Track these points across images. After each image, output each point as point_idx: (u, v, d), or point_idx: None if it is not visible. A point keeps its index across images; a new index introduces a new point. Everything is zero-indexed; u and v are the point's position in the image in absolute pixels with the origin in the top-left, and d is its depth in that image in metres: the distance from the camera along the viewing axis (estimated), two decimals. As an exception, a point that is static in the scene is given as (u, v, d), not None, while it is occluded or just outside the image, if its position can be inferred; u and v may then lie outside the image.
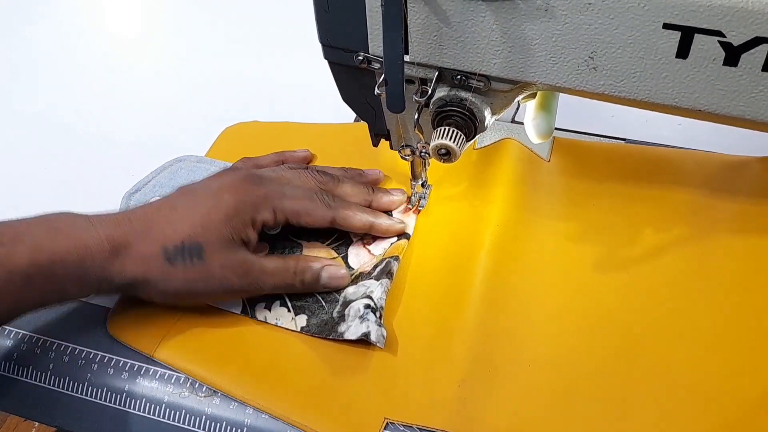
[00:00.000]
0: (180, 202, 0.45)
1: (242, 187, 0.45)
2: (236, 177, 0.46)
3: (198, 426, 0.43)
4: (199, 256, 0.43)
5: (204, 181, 0.47)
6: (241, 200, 0.44)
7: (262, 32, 0.76)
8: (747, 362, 0.42)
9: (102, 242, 0.42)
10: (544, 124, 0.49)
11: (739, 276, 0.47)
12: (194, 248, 0.43)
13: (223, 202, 0.44)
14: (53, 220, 0.43)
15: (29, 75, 0.73)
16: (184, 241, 0.43)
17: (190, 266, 0.43)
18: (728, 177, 0.53)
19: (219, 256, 0.43)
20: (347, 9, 0.39)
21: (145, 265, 0.43)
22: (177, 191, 0.47)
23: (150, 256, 0.43)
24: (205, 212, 0.44)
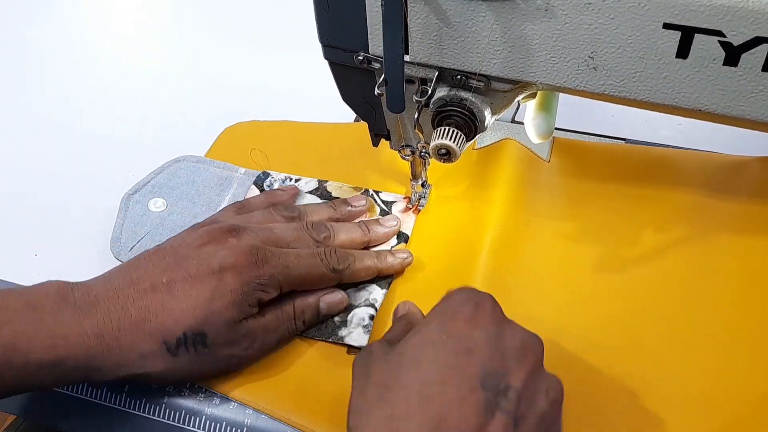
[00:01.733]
0: (178, 282, 0.40)
1: (246, 268, 0.41)
2: (236, 252, 0.41)
3: (198, 426, 0.43)
4: (203, 344, 0.40)
5: (198, 249, 0.42)
6: (246, 282, 0.41)
7: (262, 32, 0.76)
8: (747, 362, 0.42)
9: (89, 339, 0.38)
10: (544, 124, 0.48)
11: (739, 275, 0.47)
12: (198, 338, 0.40)
13: (228, 285, 0.40)
14: (36, 307, 0.38)
15: (29, 75, 0.73)
16: (185, 333, 0.40)
17: (194, 355, 0.40)
18: (728, 177, 0.53)
19: (224, 338, 0.41)
20: (347, 9, 0.39)
21: (144, 362, 0.40)
22: (167, 254, 0.42)
23: (149, 354, 0.39)
24: (209, 298, 0.40)
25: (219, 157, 0.59)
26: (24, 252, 0.54)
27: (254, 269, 0.41)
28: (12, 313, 0.38)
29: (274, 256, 0.43)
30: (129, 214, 0.54)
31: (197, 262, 0.41)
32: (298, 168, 0.57)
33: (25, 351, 0.37)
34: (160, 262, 0.42)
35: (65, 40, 0.77)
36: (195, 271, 0.41)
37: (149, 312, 0.40)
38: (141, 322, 0.39)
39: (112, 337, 0.39)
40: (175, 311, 0.40)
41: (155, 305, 0.40)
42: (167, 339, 0.39)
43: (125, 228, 0.53)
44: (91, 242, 0.53)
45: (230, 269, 0.41)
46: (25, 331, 0.38)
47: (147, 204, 0.55)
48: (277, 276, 0.42)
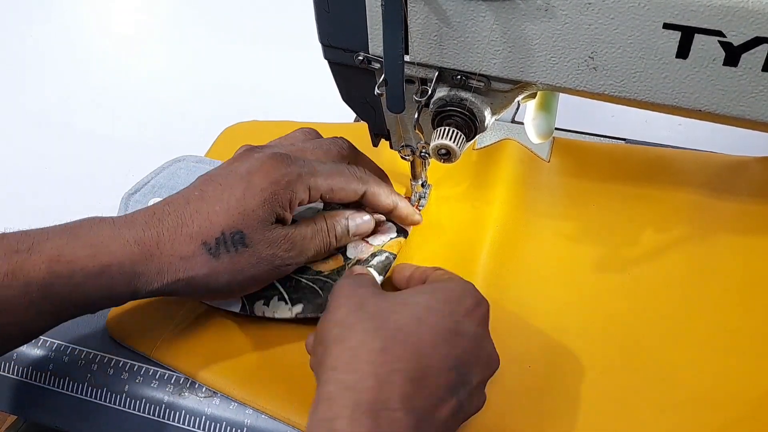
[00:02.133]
0: (209, 191, 0.42)
1: (273, 168, 0.42)
2: (263, 157, 0.43)
3: (198, 426, 0.43)
4: (243, 243, 0.41)
5: (226, 166, 0.43)
6: (274, 181, 0.42)
7: (262, 32, 0.76)
8: (748, 361, 0.42)
9: (130, 246, 0.39)
10: (544, 124, 0.48)
11: (739, 275, 0.47)
12: (236, 236, 0.40)
13: (257, 186, 0.41)
14: (73, 227, 0.40)
15: (29, 75, 0.73)
16: (224, 232, 0.40)
17: (235, 255, 0.41)
18: (728, 177, 0.53)
19: (263, 237, 0.41)
20: (347, 9, 0.39)
21: (187, 265, 0.40)
22: (199, 181, 0.43)
23: (191, 256, 0.40)
24: (240, 197, 0.41)
25: (219, 157, 0.59)
26: (24, 252, 0.54)
27: (281, 168, 0.42)
28: (52, 232, 0.39)
29: (300, 159, 0.44)
30: (129, 214, 0.54)
31: (226, 172, 0.43)
32: (298, 168, 0.57)
33: (69, 260, 0.38)
34: (194, 185, 0.43)
35: (65, 40, 0.77)
36: (224, 179, 0.42)
37: (184, 218, 0.41)
38: (179, 227, 0.40)
39: (153, 244, 0.40)
40: (210, 213, 0.41)
41: (190, 212, 0.41)
42: (207, 240, 0.40)
43: (125, 228, 0.53)
44: (91, 242, 0.53)
45: (257, 172, 0.42)
46: (67, 243, 0.38)
47: (147, 204, 0.55)
48: (304, 177, 0.43)
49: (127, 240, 0.39)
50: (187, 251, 0.40)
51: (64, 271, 0.38)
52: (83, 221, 0.41)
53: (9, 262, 0.37)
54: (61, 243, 0.38)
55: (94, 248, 0.39)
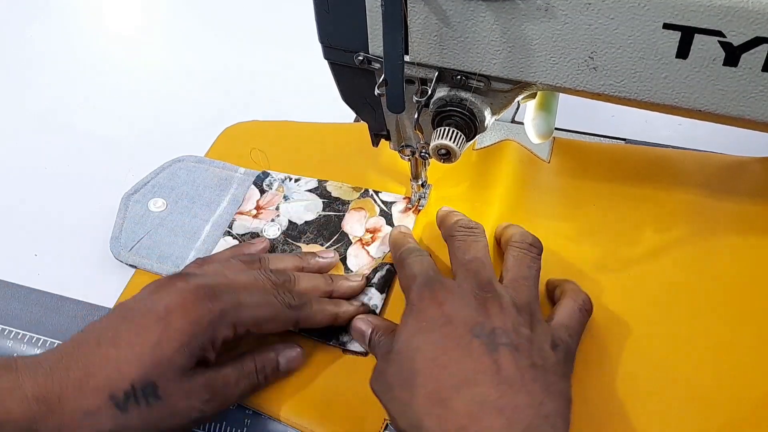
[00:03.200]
0: (123, 332, 0.38)
1: (193, 306, 0.38)
2: (183, 293, 0.39)
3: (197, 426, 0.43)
4: (155, 395, 0.37)
5: (146, 298, 0.40)
6: (194, 322, 0.38)
7: (262, 32, 0.76)
8: (748, 362, 0.42)
9: (28, 403, 0.36)
10: (544, 124, 0.48)
11: (739, 276, 0.47)
12: (148, 389, 0.37)
13: (175, 329, 0.38)
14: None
15: (29, 75, 0.73)
16: (133, 384, 0.36)
17: (146, 409, 0.37)
18: (728, 177, 0.53)
19: (179, 388, 0.38)
20: (347, 9, 0.39)
21: (92, 421, 0.36)
22: (116, 312, 0.40)
23: (96, 411, 0.36)
24: (155, 343, 0.37)
25: (219, 157, 0.59)
26: (24, 252, 0.54)
27: (203, 306, 0.39)
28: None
29: (224, 292, 0.40)
30: (129, 214, 0.54)
31: (143, 309, 0.39)
32: (297, 168, 0.57)
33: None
34: (109, 319, 0.40)
35: (65, 40, 0.77)
36: (141, 320, 0.38)
37: (93, 367, 0.37)
38: (85, 378, 0.37)
39: (54, 399, 0.36)
40: (120, 362, 0.37)
41: (99, 360, 0.37)
42: (114, 393, 0.36)
43: (125, 228, 0.53)
44: (91, 242, 0.54)
45: (177, 311, 0.38)
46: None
47: (147, 204, 0.55)
48: (229, 312, 0.39)
49: (26, 395, 0.36)
50: (91, 405, 0.36)
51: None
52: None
53: None
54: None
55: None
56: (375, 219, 0.52)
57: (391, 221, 0.52)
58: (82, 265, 0.52)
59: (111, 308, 0.48)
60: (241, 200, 0.55)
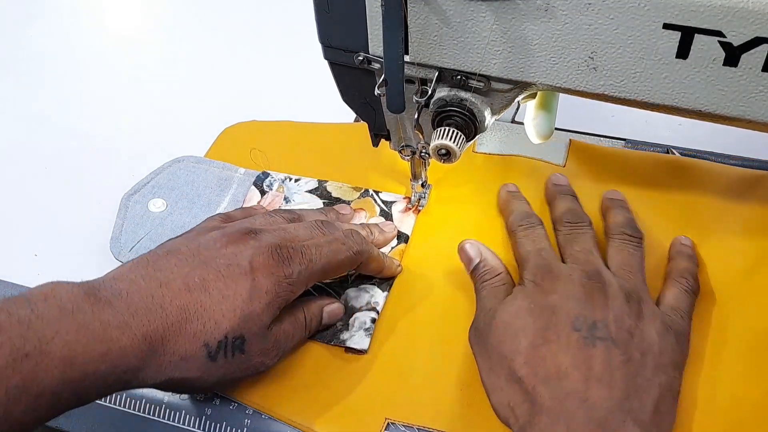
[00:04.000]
0: (210, 281, 0.39)
1: (275, 267, 0.40)
2: (262, 252, 0.40)
3: (198, 426, 0.43)
4: (241, 349, 0.39)
5: (220, 246, 0.41)
6: (277, 283, 0.40)
7: (262, 32, 0.76)
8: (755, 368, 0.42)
9: (138, 342, 0.36)
10: (544, 124, 0.48)
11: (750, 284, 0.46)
12: (237, 341, 0.38)
13: (262, 286, 0.39)
14: (73, 310, 0.34)
15: (29, 75, 0.73)
16: (227, 336, 0.38)
17: (230, 360, 0.39)
18: (744, 188, 0.52)
19: (258, 344, 0.40)
20: (347, 9, 0.39)
21: (185, 365, 0.37)
22: (190, 251, 0.40)
23: (191, 356, 0.37)
24: (247, 299, 0.39)
25: (219, 157, 0.59)
26: (24, 252, 0.54)
27: (282, 268, 0.40)
28: (55, 322, 0.34)
29: (297, 252, 0.42)
30: (129, 215, 0.54)
31: (225, 261, 0.40)
32: (297, 168, 0.57)
33: (83, 362, 0.34)
34: (184, 263, 0.39)
35: (65, 41, 0.77)
36: (226, 271, 0.39)
37: (188, 312, 0.37)
38: (183, 322, 0.37)
39: (158, 338, 0.36)
40: (216, 312, 0.38)
41: (193, 305, 0.38)
42: (209, 341, 0.38)
43: (125, 228, 0.53)
44: (91, 242, 0.54)
45: (261, 269, 0.40)
46: (78, 340, 0.34)
47: (147, 204, 0.55)
48: (303, 272, 0.41)
49: (136, 333, 0.36)
50: (188, 351, 0.37)
51: (77, 375, 0.34)
52: (75, 300, 0.35)
53: (19, 372, 0.32)
54: (71, 340, 0.33)
55: (105, 344, 0.34)
56: (375, 219, 0.52)
57: (391, 221, 0.52)
58: (82, 265, 0.52)
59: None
60: (241, 201, 0.55)
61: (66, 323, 0.34)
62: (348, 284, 0.48)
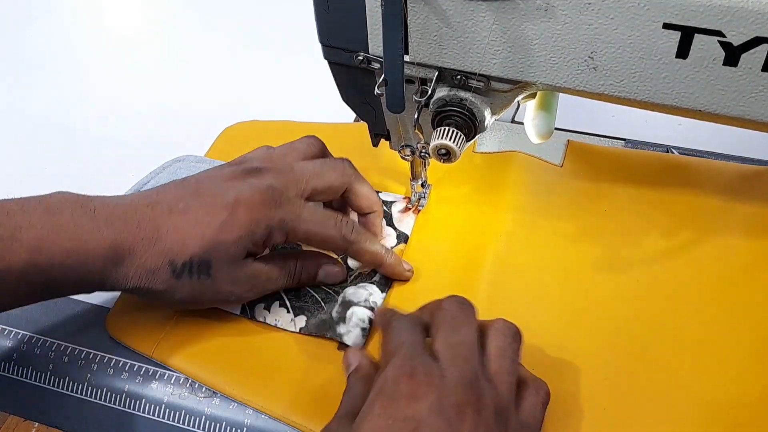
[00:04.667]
0: (192, 207, 0.42)
1: (259, 207, 0.42)
2: (254, 191, 0.42)
3: (198, 426, 0.43)
4: (207, 273, 0.41)
5: (221, 183, 0.43)
6: (255, 221, 0.42)
7: (262, 32, 0.76)
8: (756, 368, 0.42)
9: (105, 248, 0.40)
10: (544, 124, 0.48)
11: (750, 282, 0.46)
12: (203, 265, 0.41)
13: (238, 220, 0.41)
14: (56, 212, 0.40)
15: (28, 75, 0.73)
16: (192, 258, 0.41)
17: (196, 281, 0.41)
18: (743, 185, 0.52)
19: (227, 272, 0.42)
20: (347, 9, 0.39)
21: (149, 277, 0.41)
22: (191, 184, 0.43)
23: (155, 270, 0.41)
24: (218, 228, 0.41)
25: (219, 157, 0.59)
26: (24, 252, 0.54)
27: (266, 209, 0.42)
28: (35, 217, 0.39)
29: (289, 202, 0.43)
30: (129, 214, 0.54)
31: (214, 192, 0.42)
32: (298, 168, 0.57)
33: (49, 253, 0.39)
34: (181, 189, 0.43)
35: (65, 41, 0.77)
36: (210, 201, 0.42)
37: (161, 232, 0.41)
38: (153, 240, 0.41)
39: (126, 250, 0.40)
40: (185, 235, 0.41)
41: (168, 226, 0.41)
42: (174, 260, 0.41)
43: (125, 228, 0.53)
44: (91, 242, 0.53)
45: (243, 204, 0.42)
46: (48, 235, 0.39)
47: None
48: (287, 223, 0.43)
49: (104, 239, 0.40)
50: (154, 265, 0.41)
51: (44, 263, 0.39)
52: (63, 205, 0.40)
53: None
54: (42, 234, 0.39)
55: (73, 242, 0.39)
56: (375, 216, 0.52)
57: (391, 221, 0.52)
58: (82, 265, 0.52)
59: (111, 308, 0.48)
60: None
61: (44, 220, 0.39)
62: (347, 284, 0.48)
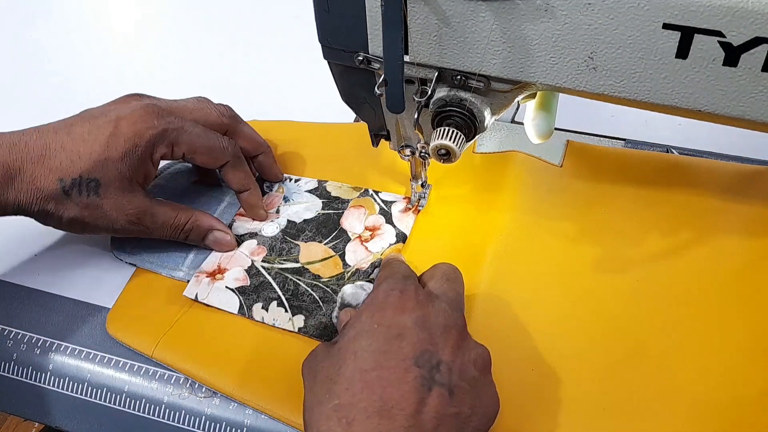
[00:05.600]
0: (77, 127, 0.44)
1: (141, 119, 0.44)
2: (137, 107, 0.45)
3: (197, 426, 0.43)
4: (95, 191, 0.43)
5: (107, 105, 0.46)
6: (138, 133, 0.44)
7: (262, 32, 0.76)
8: (754, 367, 0.42)
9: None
10: (544, 124, 0.48)
11: (749, 282, 0.46)
12: (91, 183, 0.43)
13: (122, 135, 0.43)
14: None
15: (29, 74, 0.73)
16: (81, 175, 0.42)
17: (84, 199, 0.43)
18: (742, 185, 0.52)
19: (115, 195, 0.44)
20: (347, 9, 0.39)
21: (39, 195, 0.42)
22: (75, 116, 0.45)
23: (45, 187, 0.42)
24: (104, 144, 0.43)
25: (219, 157, 0.59)
26: (24, 252, 0.54)
27: (149, 120, 0.44)
28: None
29: (172, 115, 0.46)
30: (129, 214, 0.54)
31: (98, 113, 0.45)
32: (298, 168, 0.57)
33: None
34: (76, 118, 0.45)
35: (65, 40, 0.77)
36: (95, 121, 0.44)
37: (49, 149, 0.43)
38: (42, 158, 0.42)
39: (16, 169, 0.42)
40: (73, 153, 0.43)
41: (55, 144, 0.43)
42: (63, 177, 0.42)
43: (125, 228, 0.53)
44: (92, 242, 0.54)
45: (126, 119, 0.44)
46: None
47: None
48: (170, 132, 0.45)
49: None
50: (42, 183, 0.42)
51: None
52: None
53: None
54: None
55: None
56: (374, 217, 0.52)
57: (390, 220, 0.52)
58: (82, 265, 0.52)
59: (111, 308, 0.48)
60: None
61: None
62: (344, 281, 0.48)
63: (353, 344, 0.36)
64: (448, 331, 0.36)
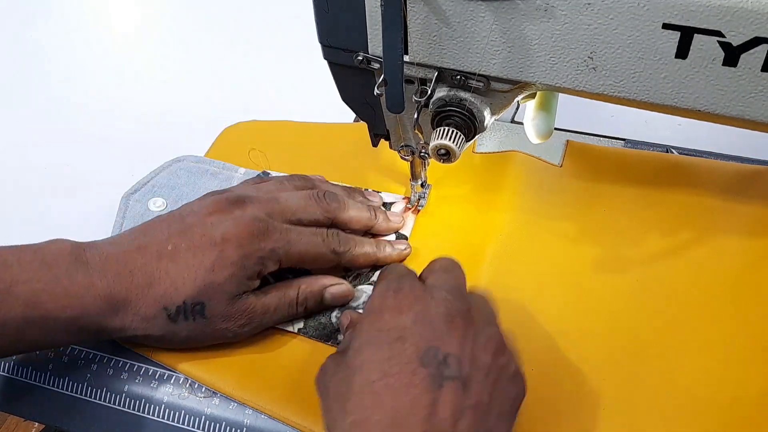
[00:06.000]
0: (181, 250, 0.41)
1: (247, 241, 0.42)
2: (239, 224, 0.42)
3: (197, 426, 0.43)
4: (201, 314, 0.41)
5: (204, 219, 0.43)
6: (245, 256, 0.41)
7: (262, 32, 0.76)
8: (755, 368, 0.42)
9: (100, 301, 0.40)
10: (544, 124, 0.48)
11: (749, 282, 0.46)
12: (197, 307, 0.41)
13: (228, 258, 0.41)
14: (51, 265, 0.40)
15: (29, 75, 0.73)
16: (185, 302, 0.41)
17: (192, 324, 0.41)
18: (742, 185, 0.52)
19: (221, 311, 0.42)
20: (347, 9, 0.39)
21: (146, 324, 0.41)
22: (176, 222, 0.43)
23: (151, 317, 0.41)
24: (209, 268, 0.41)
25: (219, 157, 0.59)
26: (24, 252, 0.54)
27: (255, 242, 0.42)
28: (30, 271, 0.39)
29: (276, 230, 0.43)
30: (129, 214, 0.54)
31: (201, 231, 0.42)
32: (297, 168, 0.57)
33: (45, 309, 0.39)
34: (167, 229, 0.43)
35: (65, 40, 0.77)
36: (198, 241, 0.42)
37: (153, 278, 0.41)
38: (146, 287, 0.41)
39: (121, 300, 0.41)
40: (177, 280, 0.41)
41: (159, 272, 0.41)
42: (168, 306, 0.41)
43: (125, 227, 0.53)
44: (91, 242, 0.54)
45: (231, 241, 0.41)
46: (44, 289, 0.39)
47: (147, 203, 0.55)
48: (278, 250, 0.43)
49: (99, 293, 0.40)
50: (149, 312, 0.41)
51: (38, 318, 0.39)
52: (58, 257, 0.40)
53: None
54: (38, 288, 0.39)
55: (68, 299, 0.39)
56: None
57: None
58: (82, 265, 0.52)
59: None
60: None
61: (40, 273, 0.39)
62: None
63: (359, 356, 0.35)
64: (452, 320, 0.35)
